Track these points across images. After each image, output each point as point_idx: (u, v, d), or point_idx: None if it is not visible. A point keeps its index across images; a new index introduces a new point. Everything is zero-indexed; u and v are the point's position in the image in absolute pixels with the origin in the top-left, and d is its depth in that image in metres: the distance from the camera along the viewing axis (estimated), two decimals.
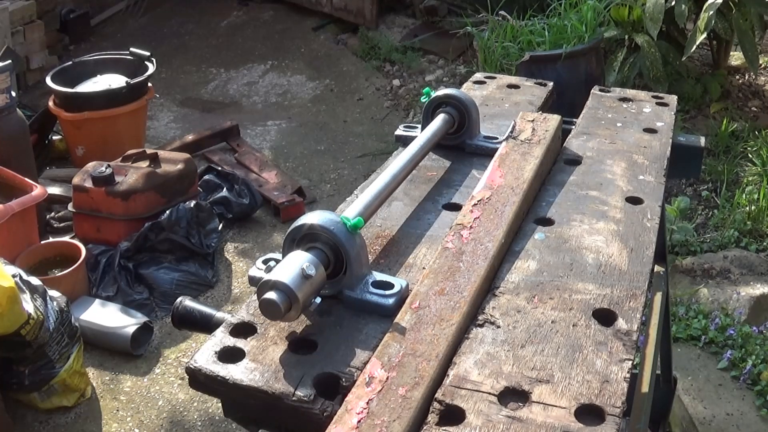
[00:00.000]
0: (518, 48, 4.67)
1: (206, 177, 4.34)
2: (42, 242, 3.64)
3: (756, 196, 4.01)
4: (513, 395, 0.97)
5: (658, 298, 2.00)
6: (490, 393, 0.96)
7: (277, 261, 1.17)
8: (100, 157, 4.04)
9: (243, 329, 1.13)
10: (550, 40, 4.56)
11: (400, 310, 1.11)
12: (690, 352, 3.09)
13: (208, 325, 1.25)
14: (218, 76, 6.24)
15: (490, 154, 1.58)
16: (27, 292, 2.77)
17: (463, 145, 1.68)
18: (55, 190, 4.15)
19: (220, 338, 1.11)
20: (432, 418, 0.94)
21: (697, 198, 4.28)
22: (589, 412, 0.94)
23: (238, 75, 6.23)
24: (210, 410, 3.06)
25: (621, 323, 1.10)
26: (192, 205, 3.80)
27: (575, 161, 1.61)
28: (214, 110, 5.74)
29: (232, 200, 4.20)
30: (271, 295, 1.05)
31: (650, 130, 1.75)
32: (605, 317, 1.12)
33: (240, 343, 1.09)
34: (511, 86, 2.05)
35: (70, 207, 3.84)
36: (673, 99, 1.94)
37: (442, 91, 1.67)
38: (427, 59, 6.23)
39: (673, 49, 4.76)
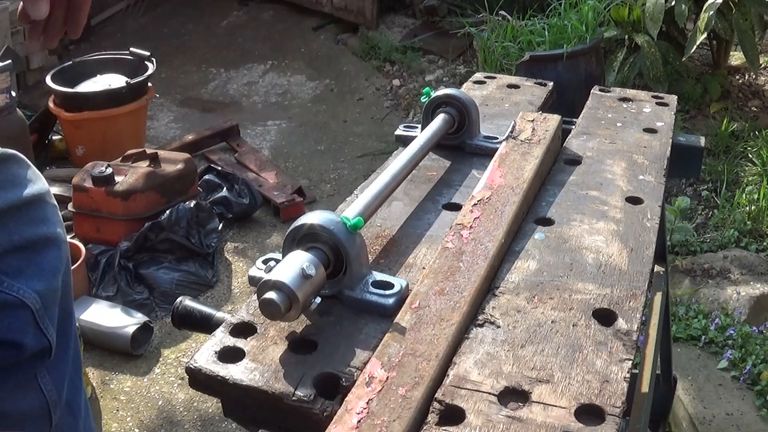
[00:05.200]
0: (518, 48, 4.67)
1: (206, 177, 4.34)
2: None
3: (756, 196, 4.01)
4: (513, 395, 0.97)
5: (658, 298, 2.00)
6: (490, 393, 0.96)
7: (277, 261, 1.17)
8: (100, 157, 4.04)
9: (243, 329, 1.12)
10: (550, 40, 4.56)
11: (400, 310, 1.11)
12: (690, 352, 3.09)
13: (208, 325, 1.24)
14: (218, 76, 6.24)
15: (490, 154, 1.58)
16: None
17: (463, 145, 1.67)
18: (55, 190, 4.14)
19: (220, 338, 1.11)
20: (432, 418, 0.94)
21: (697, 198, 4.28)
22: (589, 412, 0.94)
23: (238, 75, 6.23)
24: (210, 410, 3.06)
25: (621, 323, 1.09)
26: (192, 205, 3.80)
27: (575, 161, 1.61)
28: (214, 110, 5.74)
29: (232, 200, 4.20)
30: (271, 294, 1.05)
31: (650, 130, 1.75)
32: (605, 317, 1.11)
33: (240, 343, 1.09)
34: (511, 86, 2.05)
35: (70, 207, 3.84)
36: (673, 99, 1.94)
37: (442, 91, 1.67)
38: (427, 59, 6.23)
39: (673, 49, 4.76)
